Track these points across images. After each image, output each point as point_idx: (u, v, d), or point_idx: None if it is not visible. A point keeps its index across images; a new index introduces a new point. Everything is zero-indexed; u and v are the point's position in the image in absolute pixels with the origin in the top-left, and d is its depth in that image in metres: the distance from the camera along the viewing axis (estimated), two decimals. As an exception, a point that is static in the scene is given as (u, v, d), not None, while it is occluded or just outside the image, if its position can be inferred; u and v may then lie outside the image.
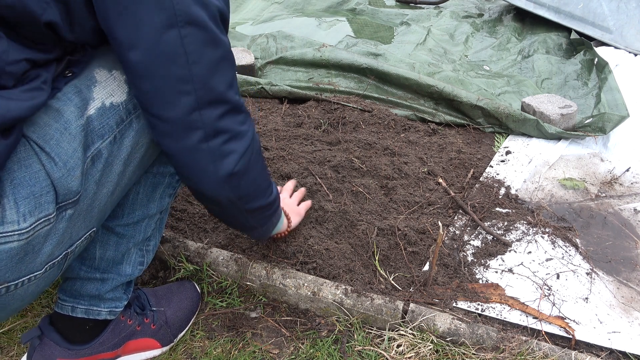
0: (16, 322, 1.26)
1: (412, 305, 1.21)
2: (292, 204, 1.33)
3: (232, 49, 2.37)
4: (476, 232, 1.46)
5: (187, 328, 1.24)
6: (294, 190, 1.43)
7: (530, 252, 1.39)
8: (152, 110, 0.86)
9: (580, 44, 2.47)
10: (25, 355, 1.09)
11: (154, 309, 1.19)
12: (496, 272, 1.34)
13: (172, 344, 1.21)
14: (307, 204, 1.40)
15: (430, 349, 1.14)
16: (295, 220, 1.29)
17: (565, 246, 1.41)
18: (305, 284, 1.26)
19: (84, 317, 1.06)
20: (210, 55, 0.85)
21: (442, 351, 1.15)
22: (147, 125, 0.91)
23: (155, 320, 1.18)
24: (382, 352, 1.15)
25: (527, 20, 2.88)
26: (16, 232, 0.75)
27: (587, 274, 1.34)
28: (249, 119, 0.94)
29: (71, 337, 1.07)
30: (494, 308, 1.24)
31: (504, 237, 1.43)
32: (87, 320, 1.07)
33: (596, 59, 2.25)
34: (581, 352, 1.14)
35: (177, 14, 0.80)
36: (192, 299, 1.26)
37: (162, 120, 0.86)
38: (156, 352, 1.19)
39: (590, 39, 2.53)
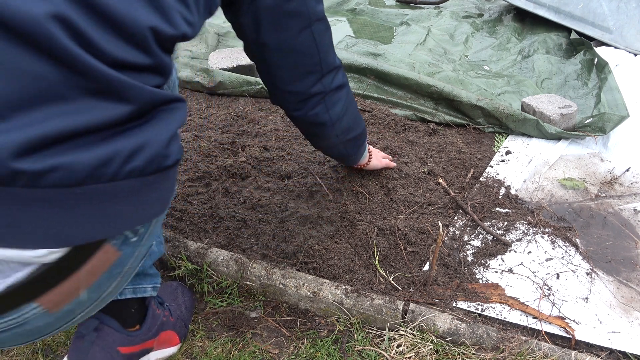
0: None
1: (412, 305, 1.21)
2: (378, 152, 1.59)
3: (233, 49, 2.38)
4: (476, 232, 1.46)
5: (189, 324, 1.25)
6: None
7: (530, 252, 1.39)
8: (284, 88, 1.09)
9: (580, 44, 2.47)
10: (73, 348, 1.05)
11: (166, 304, 1.21)
12: (496, 272, 1.34)
13: (184, 339, 1.22)
14: (391, 163, 1.61)
15: (430, 349, 1.14)
16: (374, 162, 1.53)
17: (565, 246, 1.41)
18: (305, 284, 1.26)
19: (132, 298, 1.06)
20: (328, 38, 1.08)
21: (442, 351, 1.15)
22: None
23: (172, 313, 1.20)
24: (382, 352, 1.15)
25: (527, 20, 2.88)
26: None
27: (587, 274, 1.34)
28: (343, 69, 1.18)
29: (124, 322, 1.07)
30: (494, 308, 1.24)
31: (504, 237, 1.43)
32: (132, 302, 1.07)
33: (596, 59, 2.25)
34: (581, 352, 1.14)
35: (310, 17, 1.01)
36: (187, 295, 1.28)
37: (292, 94, 1.09)
38: (174, 349, 1.19)
39: (590, 39, 2.53)
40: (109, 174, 0.66)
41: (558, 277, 1.32)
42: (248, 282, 1.30)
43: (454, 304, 1.24)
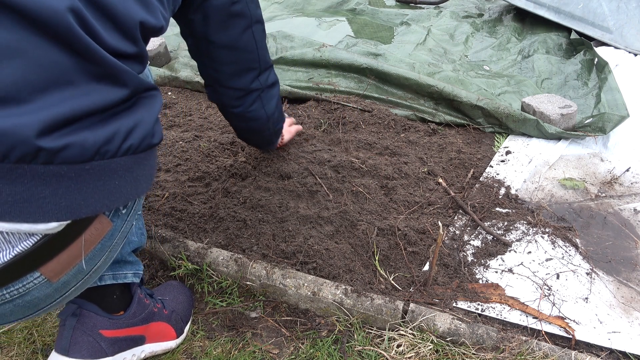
0: (16, 322, 1.26)
1: (412, 305, 1.21)
2: (285, 124, 1.64)
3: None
4: (476, 232, 1.46)
5: (189, 322, 1.25)
6: None
7: (530, 252, 1.39)
8: (226, 84, 1.22)
9: (580, 44, 2.47)
10: (58, 336, 1.07)
11: (159, 298, 1.22)
12: (496, 272, 1.34)
13: (183, 336, 1.22)
14: (298, 127, 1.72)
15: (430, 349, 1.14)
16: (286, 137, 1.62)
17: (565, 246, 1.41)
18: (305, 284, 1.26)
19: (112, 283, 1.08)
20: (264, 38, 1.23)
21: (442, 351, 1.15)
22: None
23: (166, 306, 1.20)
24: (382, 352, 1.15)
25: (527, 20, 2.88)
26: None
27: (587, 274, 1.34)
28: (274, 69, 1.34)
29: (105, 307, 1.09)
30: (494, 308, 1.24)
31: (504, 237, 1.43)
32: (114, 288, 1.09)
33: (596, 59, 2.25)
34: (581, 352, 1.14)
35: (252, 18, 1.16)
36: (186, 294, 1.28)
37: (233, 89, 1.23)
38: (172, 344, 1.19)
39: (590, 39, 2.53)
40: (112, 151, 0.75)
41: (558, 277, 1.32)
42: (248, 282, 1.30)
43: (454, 304, 1.24)
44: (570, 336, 1.17)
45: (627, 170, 1.71)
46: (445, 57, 2.50)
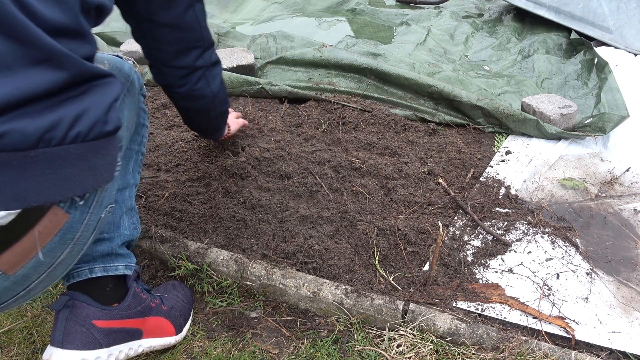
0: (16, 322, 1.26)
1: (412, 305, 1.21)
2: (232, 117, 1.67)
3: (232, 49, 2.38)
4: (476, 232, 1.46)
5: (189, 321, 1.24)
6: None
7: (530, 252, 1.39)
8: (171, 64, 1.22)
9: (580, 44, 2.47)
10: (52, 329, 1.06)
11: (158, 294, 1.22)
12: (496, 272, 1.34)
13: (182, 334, 1.21)
14: (244, 121, 1.73)
15: (430, 349, 1.14)
16: (233, 127, 1.64)
17: (565, 246, 1.41)
18: (305, 284, 1.26)
19: (103, 275, 1.08)
20: (205, 16, 1.23)
21: (442, 351, 1.15)
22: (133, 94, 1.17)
23: (165, 302, 1.20)
24: (382, 352, 1.15)
25: (527, 20, 2.88)
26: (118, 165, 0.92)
27: (587, 274, 1.34)
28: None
29: (98, 299, 1.08)
30: (494, 308, 1.24)
31: (504, 237, 1.43)
32: (107, 280, 1.09)
33: (596, 59, 2.25)
34: (581, 352, 1.14)
35: None
36: (186, 294, 1.28)
37: (178, 68, 1.23)
38: (171, 340, 1.19)
39: (590, 39, 2.53)
40: (58, 138, 0.74)
41: (558, 277, 1.32)
42: (248, 282, 1.30)
43: (454, 304, 1.24)
44: (570, 336, 1.17)
45: (627, 170, 1.71)
46: (445, 57, 2.51)
